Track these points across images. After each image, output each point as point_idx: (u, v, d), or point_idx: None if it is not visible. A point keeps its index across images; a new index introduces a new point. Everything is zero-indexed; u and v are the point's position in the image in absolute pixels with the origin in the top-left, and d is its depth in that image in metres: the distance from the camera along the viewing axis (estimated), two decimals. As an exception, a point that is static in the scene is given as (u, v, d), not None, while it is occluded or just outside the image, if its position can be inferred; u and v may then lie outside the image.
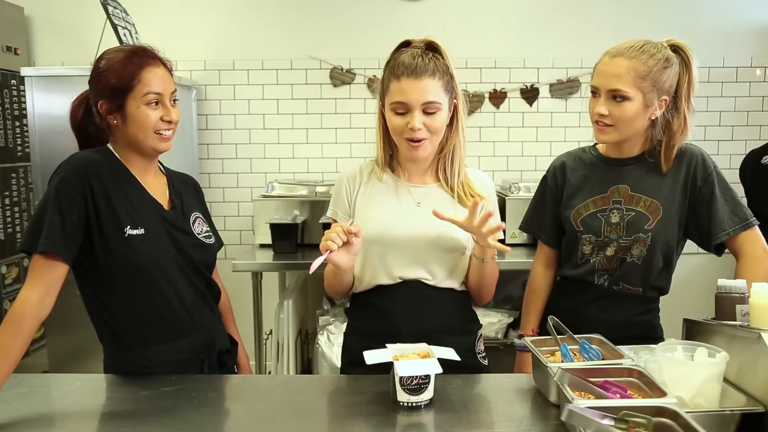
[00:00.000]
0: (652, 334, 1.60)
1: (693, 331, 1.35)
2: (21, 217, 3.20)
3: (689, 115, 1.55)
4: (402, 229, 1.50)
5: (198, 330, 1.51)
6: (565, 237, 1.71)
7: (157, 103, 1.43)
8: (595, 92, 1.56)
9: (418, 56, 1.44)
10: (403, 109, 1.43)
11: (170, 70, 1.49)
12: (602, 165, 1.66)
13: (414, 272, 1.51)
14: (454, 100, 1.50)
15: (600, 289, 1.64)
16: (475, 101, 3.37)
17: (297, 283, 2.99)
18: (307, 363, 3.12)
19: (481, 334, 1.63)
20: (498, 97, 3.38)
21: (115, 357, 1.49)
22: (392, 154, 1.58)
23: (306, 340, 3.16)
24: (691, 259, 1.66)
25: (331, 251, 1.36)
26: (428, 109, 1.43)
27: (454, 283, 1.55)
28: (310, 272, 1.34)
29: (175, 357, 1.48)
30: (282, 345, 2.63)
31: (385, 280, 1.52)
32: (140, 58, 1.43)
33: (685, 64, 1.54)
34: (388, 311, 1.51)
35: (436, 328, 1.50)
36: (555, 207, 1.73)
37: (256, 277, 2.78)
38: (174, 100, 1.48)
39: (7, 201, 3.09)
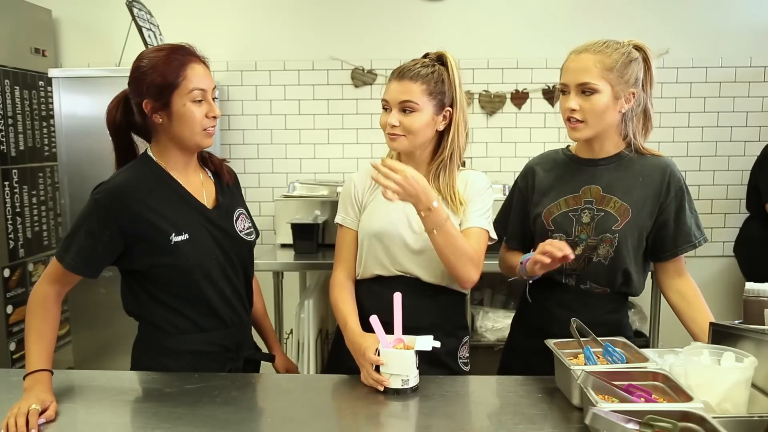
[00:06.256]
0: (620, 334, 1.54)
1: (720, 335, 1.33)
2: (48, 215, 3.25)
3: (651, 109, 1.59)
4: (403, 227, 1.59)
5: (228, 327, 1.53)
6: (536, 238, 1.68)
7: (201, 100, 1.43)
8: (564, 90, 1.56)
9: (417, 63, 1.57)
10: (387, 106, 1.59)
11: (208, 67, 1.49)
12: (575, 165, 1.65)
13: (411, 267, 1.59)
14: (449, 109, 1.58)
15: (567, 288, 1.63)
16: (496, 102, 3.35)
17: (318, 283, 3.00)
18: (327, 362, 3.12)
19: (467, 341, 1.68)
20: (520, 98, 3.36)
21: (145, 340, 1.53)
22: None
23: (326, 339, 3.17)
24: (708, 263, 1.63)
25: None
26: (404, 108, 1.54)
27: (450, 282, 1.61)
28: None
29: (200, 347, 1.50)
30: (302, 344, 2.63)
31: (382, 272, 1.61)
32: (182, 55, 1.44)
33: (646, 63, 1.56)
34: (385, 299, 1.52)
35: (425, 326, 1.54)
36: (520, 209, 1.74)
37: (277, 276, 2.80)
38: (214, 98, 1.48)
39: (34, 200, 3.15)
